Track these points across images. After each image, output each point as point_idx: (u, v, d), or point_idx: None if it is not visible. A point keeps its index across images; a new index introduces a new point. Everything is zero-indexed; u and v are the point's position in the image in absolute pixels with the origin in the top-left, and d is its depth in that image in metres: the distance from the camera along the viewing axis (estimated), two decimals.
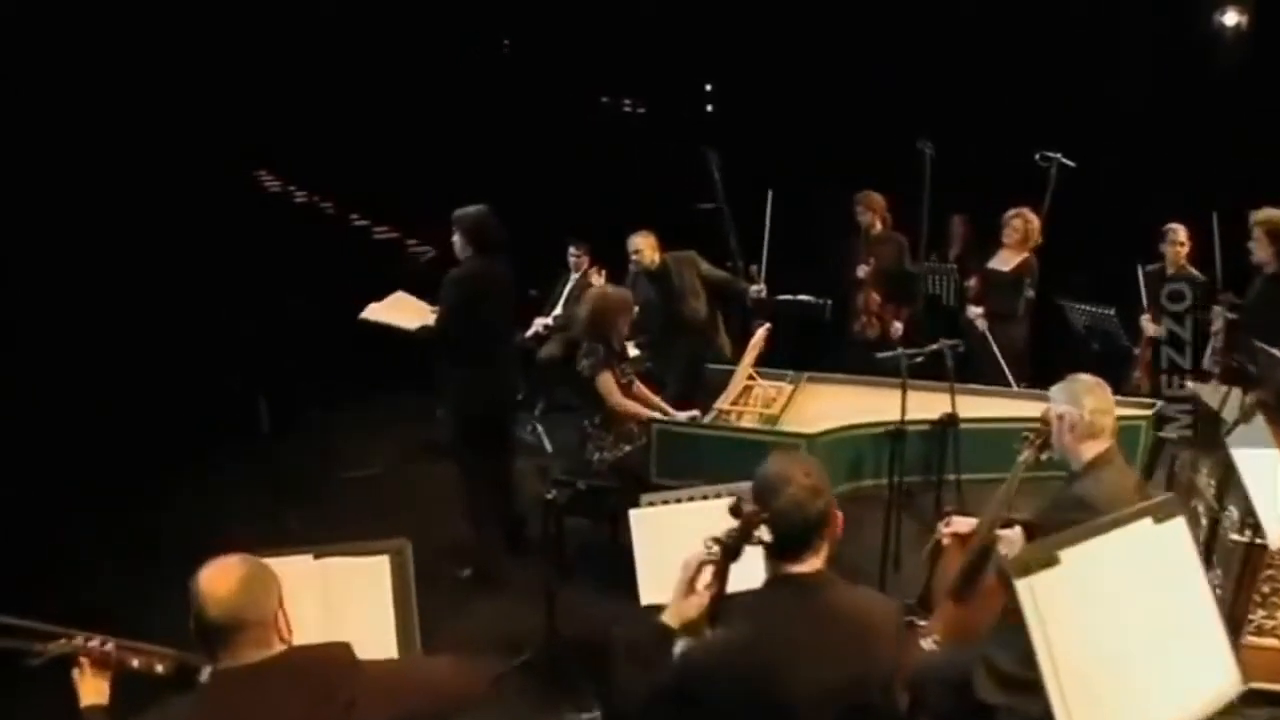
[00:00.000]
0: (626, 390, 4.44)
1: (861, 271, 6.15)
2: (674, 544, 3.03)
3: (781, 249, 6.09)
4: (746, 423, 4.22)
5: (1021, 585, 1.71)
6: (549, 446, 4.86)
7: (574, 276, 6.89)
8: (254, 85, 9.67)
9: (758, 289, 5.72)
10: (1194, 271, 5.93)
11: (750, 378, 4.63)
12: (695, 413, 4.40)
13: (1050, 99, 7.57)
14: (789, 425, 4.16)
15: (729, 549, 2.08)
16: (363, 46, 10.13)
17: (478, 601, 4.32)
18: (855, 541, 4.44)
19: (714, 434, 4.00)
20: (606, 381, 4.35)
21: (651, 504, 3.07)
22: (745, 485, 3.11)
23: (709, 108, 12.45)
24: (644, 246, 5.60)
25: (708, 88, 12.63)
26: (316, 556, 2.62)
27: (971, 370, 5.92)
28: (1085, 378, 3.03)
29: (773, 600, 2.11)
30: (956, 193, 6.84)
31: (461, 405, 4.51)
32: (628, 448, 4.40)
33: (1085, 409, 2.90)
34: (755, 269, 5.80)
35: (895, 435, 3.93)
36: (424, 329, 4.47)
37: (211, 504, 5.37)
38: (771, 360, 5.02)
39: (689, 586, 2.13)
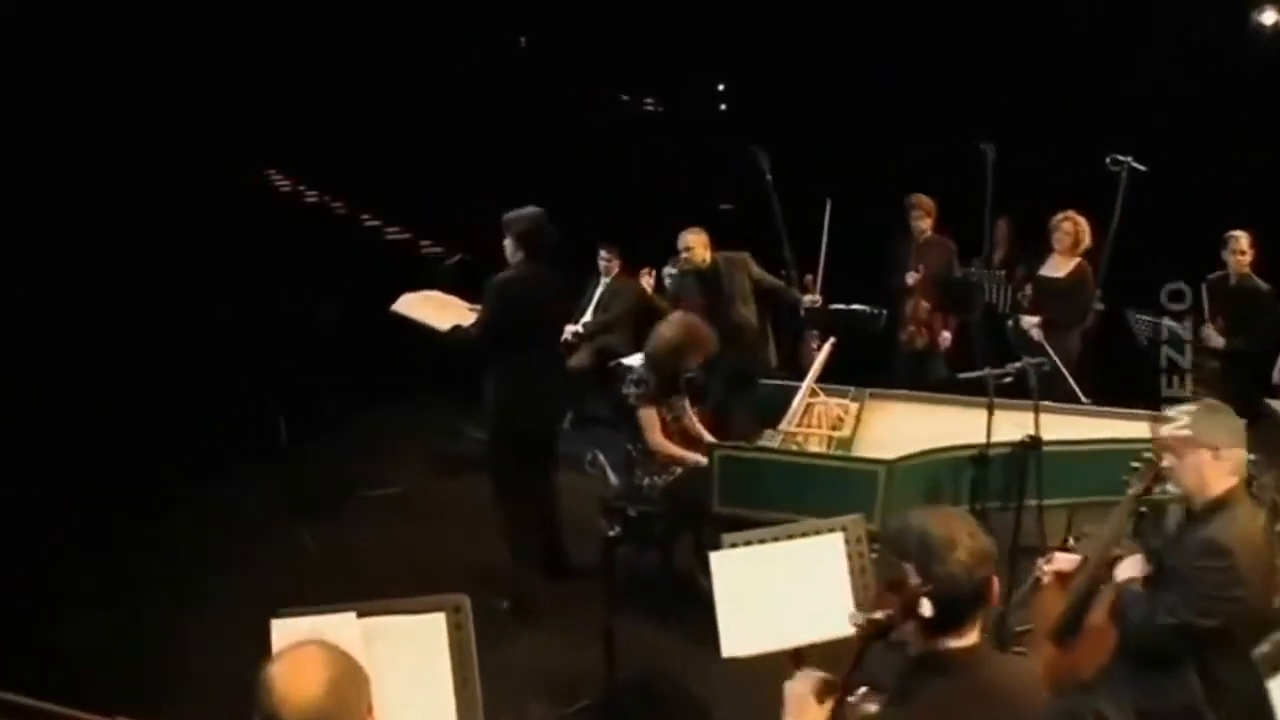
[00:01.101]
0: (667, 427, 4.15)
1: (910, 278, 5.84)
2: (759, 589, 2.76)
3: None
4: (814, 445, 3.90)
5: (1274, 685, 1.40)
6: (613, 478, 4.38)
7: (604, 280, 6.57)
8: (262, 82, 9.35)
9: (812, 299, 5.40)
10: (1259, 281, 5.63)
11: (812, 394, 4.30)
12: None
13: (1095, 99, 7.27)
14: (862, 449, 3.83)
15: (882, 629, 1.75)
16: (373, 42, 9.80)
17: (520, 637, 3.98)
18: None
19: (784, 460, 3.66)
20: (649, 417, 4.06)
21: (734, 545, 2.74)
22: (835, 521, 2.88)
23: (722, 106, 12.15)
24: (695, 244, 5.28)
25: (720, 87, 12.35)
26: (360, 615, 2.28)
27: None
28: (1218, 403, 2.74)
29: (925, 682, 1.79)
30: (1000, 195, 6.58)
31: (500, 419, 4.17)
32: (678, 470, 4.09)
33: (1236, 440, 2.60)
34: (810, 278, 5.47)
35: (978, 460, 3.61)
36: (457, 330, 4.12)
37: (225, 522, 5.03)
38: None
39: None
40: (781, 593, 2.75)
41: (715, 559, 2.70)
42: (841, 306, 5.46)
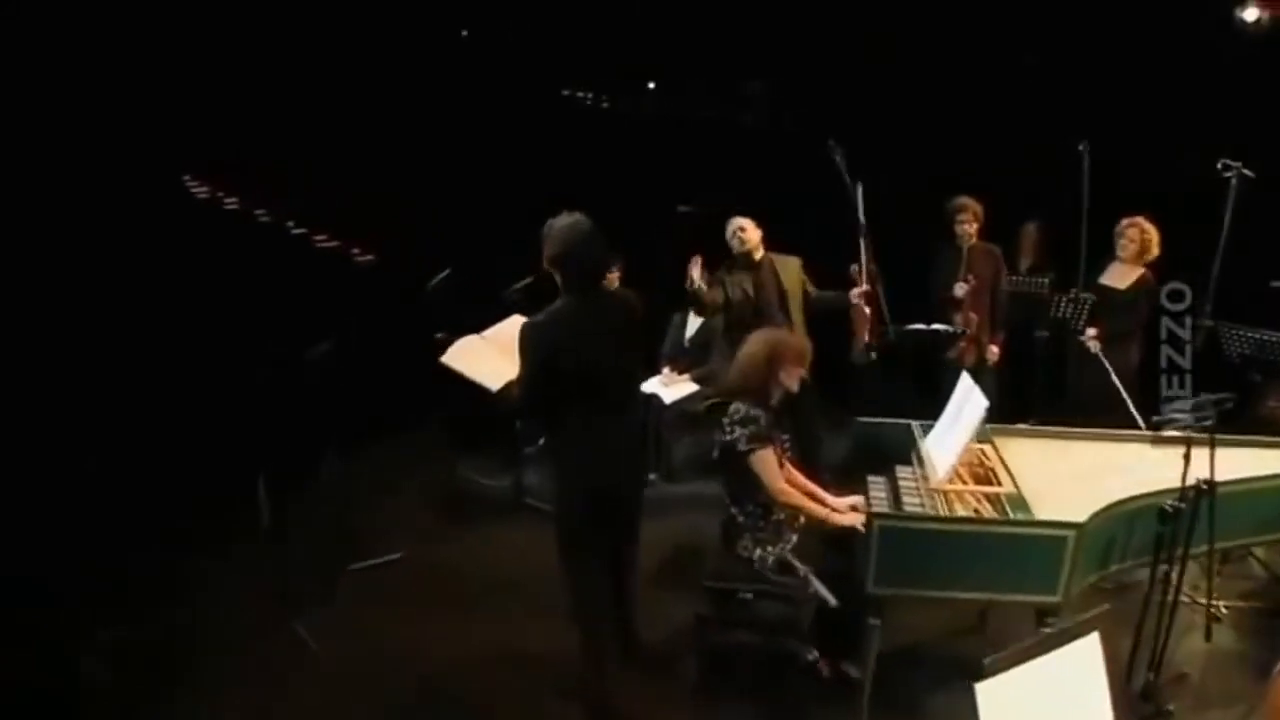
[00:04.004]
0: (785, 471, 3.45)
1: (960, 289, 5.30)
2: (1027, 715, 2.16)
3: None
4: (974, 503, 3.23)
5: None
6: (829, 597, 3.19)
7: None
8: (171, 79, 8.17)
9: (859, 291, 4.87)
10: None
11: None
12: (860, 499, 3.43)
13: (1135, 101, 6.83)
14: (1036, 507, 3.18)
15: None
16: (295, 29, 8.72)
17: None
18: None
19: (965, 530, 2.99)
20: (767, 461, 3.31)
21: (996, 667, 2.10)
22: (1085, 620, 2.29)
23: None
24: (749, 225, 4.90)
25: (650, 85, 11.77)
26: None
27: (1077, 403, 5.23)
28: None
29: None
30: (1031, 199, 6.14)
31: (562, 491, 3.33)
32: (794, 538, 3.39)
33: None
34: (855, 268, 4.88)
35: (1169, 514, 3.04)
36: (509, 389, 3.28)
37: (202, 622, 4.03)
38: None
39: None
40: (1049, 715, 2.19)
41: (982, 691, 2.05)
42: (921, 326, 4.86)
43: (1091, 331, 5.06)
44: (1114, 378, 4.90)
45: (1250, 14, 8.10)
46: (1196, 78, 6.00)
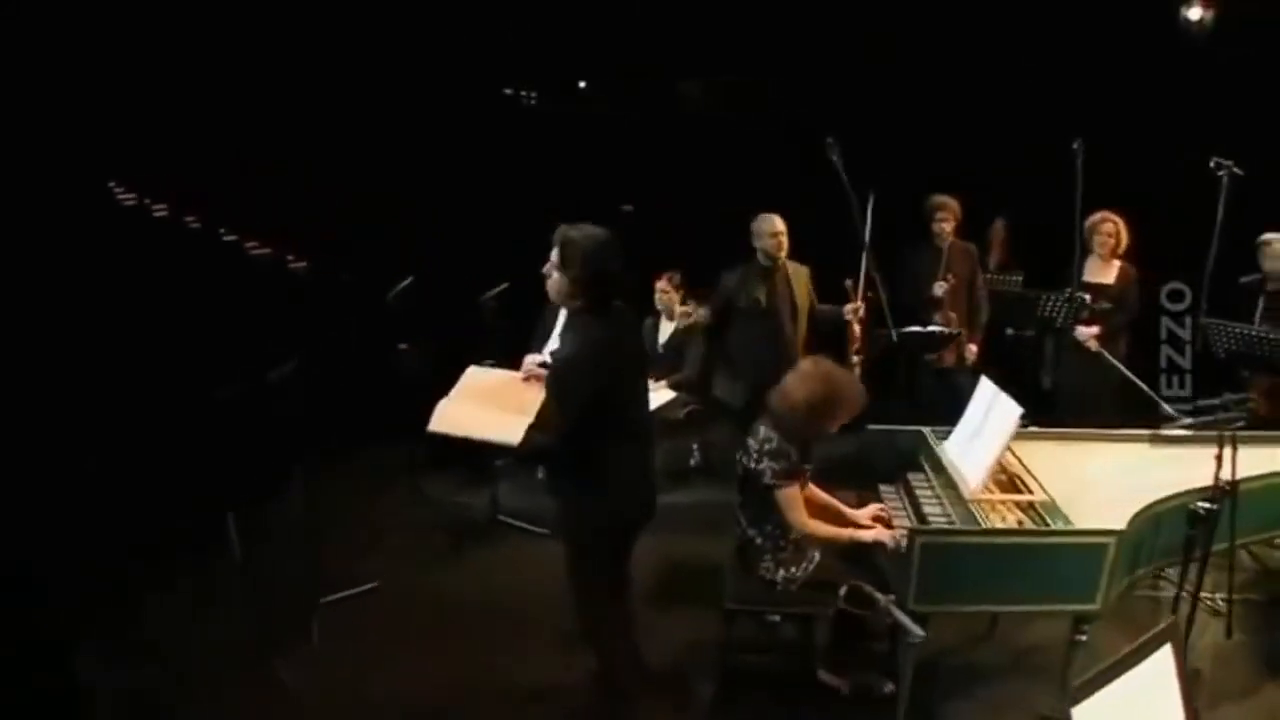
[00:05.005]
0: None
1: (939, 289, 5.23)
2: None
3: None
4: (1007, 513, 3.11)
5: None
6: (914, 628, 2.68)
7: None
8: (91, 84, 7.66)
9: (853, 307, 4.72)
10: None
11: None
12: (882, 508, 3.31)
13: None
14: (1075, 514, 3.07)
15: None
16: (230, 34, 8.27)
17: None
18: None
19: (1007, 542, 2.86)
20: (792, 498, 3.16)
21: (1084, 692, 2.01)
22: (1159, 633, 2.19)
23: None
24: (784, 232, 4.68)
25: (581, 84, 11.60)
26: None
27: (1068, 403, 5.21)
28: None
29: None
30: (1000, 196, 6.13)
31: (581, 521, 3.08)
32: (816, 556, 3.23)
33: None
34: (850, 283, 4.74)
35: (1201, 516, 2.98)
36: (531, 439, 3.00)
37: (173, 660, 3.68)
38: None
39: None
40: None
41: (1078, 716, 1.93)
42: (918, 329, 4.76)
43: (1093, 330, 5.02)
44: (1129, 374, 4.89)
45: (1194, 13, 8.30)
46: (1190, 76, 6.06)
